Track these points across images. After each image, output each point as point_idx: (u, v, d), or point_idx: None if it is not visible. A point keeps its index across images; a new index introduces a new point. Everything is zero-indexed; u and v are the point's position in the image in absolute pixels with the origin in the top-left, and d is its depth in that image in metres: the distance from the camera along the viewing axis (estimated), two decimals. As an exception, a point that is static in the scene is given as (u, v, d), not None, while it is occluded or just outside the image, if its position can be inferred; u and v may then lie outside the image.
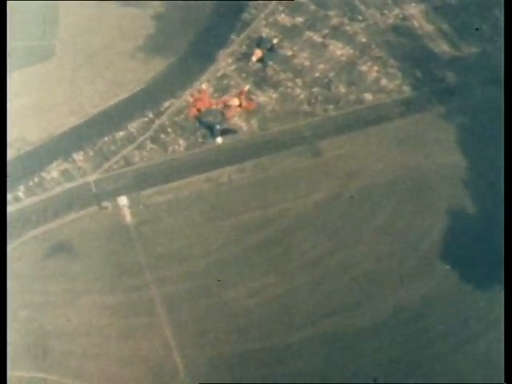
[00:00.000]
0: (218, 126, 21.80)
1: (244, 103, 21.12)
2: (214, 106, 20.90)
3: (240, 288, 24.11)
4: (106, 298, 23.75)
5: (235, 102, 20.58)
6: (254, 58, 20.29)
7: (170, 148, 27.27)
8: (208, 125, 21.98)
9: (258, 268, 24.44)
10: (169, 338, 23.29)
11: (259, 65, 28.34)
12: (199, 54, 29.33)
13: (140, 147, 27.26)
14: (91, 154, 27.00)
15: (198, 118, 21.67)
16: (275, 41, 20.49)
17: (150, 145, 27.35)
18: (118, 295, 23.88)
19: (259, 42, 27.14)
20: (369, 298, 23.55)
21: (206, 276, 24.25)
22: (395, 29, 30.34)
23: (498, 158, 25.89)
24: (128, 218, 25.63)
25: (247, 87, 23.00)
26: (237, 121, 27.77)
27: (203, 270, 24.42)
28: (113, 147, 27.19)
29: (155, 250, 24.83)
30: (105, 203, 25.93)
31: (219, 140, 22.12)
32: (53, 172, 26.52)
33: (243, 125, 27.69)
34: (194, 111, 21.35)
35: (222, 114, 21.11)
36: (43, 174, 26.38)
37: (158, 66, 28.81)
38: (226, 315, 23.56)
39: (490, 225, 25.07)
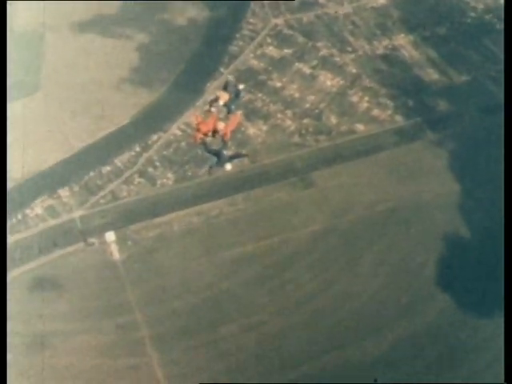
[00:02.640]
0: (225, 152, 19.79)
1: (231, 122, 19.89)
2: (210, 132, 19.59)
3: (234, 325, 23.07)
4: (94, 338, 22.60)
5: (221, 125, 19.49)
6: (221, 102, 19.49)
7: (159, 182, 26.53)
8: (214, 151, 19.90)
9: (253, 303, 23.46)
10: (161, 381, 22.14)
11: (249, 96, 27.94)
12: (187, 86, 28.88)
13: (127, 181, 26.49)
14: (77, 189, 26.16)
15: (204, 144, 20.04)
16: (241, 86, 19.89)
17: (137, 179, 26.59)
18: (107, 335, 22.72)
19: (225, 86, 26.10)
20: (368, 331, 22.59)
21: (198, 313, 23.21)
22: (385, 59, 30.16)
23: (491, 185, 26.00)
24: (116, 254, 24.66)
25: (239, 113, 21.87)
26: (226, 153, 27.17)
27: (195, 306, 23.39)
28: (99, 182, 26.39)
29: (145, 287, 23.82)
30: (91, 239, 24.99)
31: (228, 166, 20.03)
32: (37, 208, 25.61)
33: (233, 157, 27.10)
34: (199, 136, 19.47)
35: (223, 139, 19.92)
36: (27, 211, 25.46)
37: (146, 98, 28.28)
38: (220, 353, 22.46)
39: (487, 251, 24.48)
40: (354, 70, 29.70)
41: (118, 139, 27.43)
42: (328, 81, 29.40)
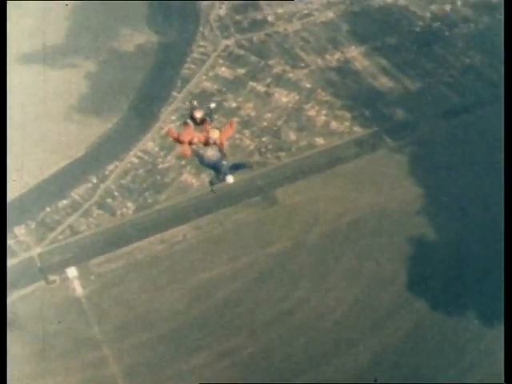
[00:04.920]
0: (224, 162, 17.65)
1: (226, 130, 18.06)
2: (199, 140, 17.86)
3: (207, 352, 22.24)
4: (62, 379, 21.50)
5: (215, 134, 17.78)
6: (197, 115, 18.17)
7: (118, 212, 25.69)
8: (211, 163, 17.63)
9: (226, 328, 22.68)
10: (134, 418, 21.14)
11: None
12: (140, 112, 28.24)
13: (86, 214, 25.58)
14: (33, 226, 25.14)
15: (197, 155, 17.39)
16: (213, 105, 18.63)
17: (96, 211, 25.71)
18: (75, 374, 21.66)
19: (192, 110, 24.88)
20: (345, 345, 21.98)
21: (168, 343, 22.32)
22: (338, 72, 30.03)
23: (454, 187, 26.27)
24: (79, 289, 23.66)
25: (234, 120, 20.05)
26: (186, 177, 26.63)
27: (165, 336, 22.51)
28: (56, 217, 25.43)
29: (111, 321, 22.86)
30: (52, 277, 23.96)
31: (230, 179, 17.91)
32: (-7, 249, 24.50)
33: (194, 181, 26.50)
34: (186, 148, 17.11)
35: (219, 149, 18.26)
36: (-18, 253, 24.33)
37: (99, 128, 27.52)
38: (197, 382, 21.57)
39: (456, 252, 24.30)
40: (309, 85, 29.48)
41: (74, 172, 26.56)
42: (283, 97, 29.10)
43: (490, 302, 22.68)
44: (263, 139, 27.79)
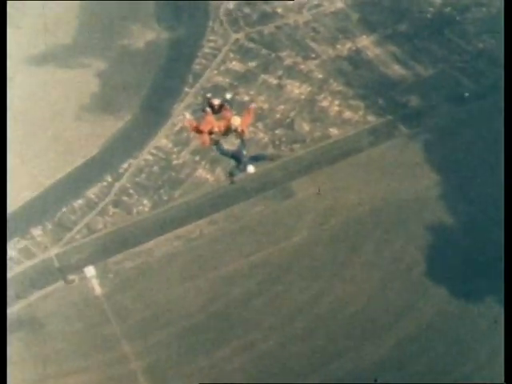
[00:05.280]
0: (244, 152, 17.03)
1: (245, 117, 17.34)
2: (219, 129, 17.09)
3: (227, 347, 22.18)
4: (83, 378, 21.54)
5: (236, 120, 17.04)
6: (216, 102, 17.49)
7: (135, 210, 25.66)
8: (231, 153, 16.99)
9: (244, 322, 22.60)
10: (157, 414, 21.14)
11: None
12: (153, 109, 28.18)
13: (102, 213, 25.58)
14: (50, 227, 25.19)
15: (217, 145, 16.82)
16: (229, 96, 18.00)
17: (112, 209, 25.70)
18: (96, 373, 21.71)
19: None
20: (367, 336, 21.82)
21: (188, 339, 22.28)
22: (350, 61, 29.75)
23: (471, 172, 25.98)
24: (97, 288, 23.68)
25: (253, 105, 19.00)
26: (201, 172, 26.55)
27: (185, 333, 22.47)
28: (73, 217, 25.45)
29: (131, 318, 22.87)
30: (71, 276, 24.00)
31: (251, 169, 17.13)
32: (10, 251, 24.44)
33: (208, 176, 26.42)
34: (206, 138, 16.45)
35: (240, 137, 17.41)
36: (0, 255, 24.40)
37: (112, 126, 27.47)
38: (217, 378, 21.50)
39: (474, 240, 24.12)
40: (321, 76, 29.25)
41: (88, 171, 26.55)
42: (296, 89, 28.91)
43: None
44: (277, 131, 27.62)
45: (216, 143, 16.93)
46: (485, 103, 28.23)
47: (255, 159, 17.85)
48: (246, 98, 28.44)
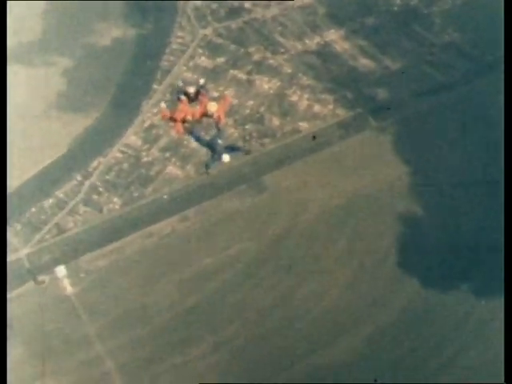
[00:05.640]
0: (219, 141, 17.06)
1: (221, 103, 17.07)
2: (194, 116, 16.82)
3: (202, 344, 22.04)
4: (58, 380, 21.22)
5: (213, 106, 17.06)
6: (191, 90, 17.27)
7: (105, 208, 25.36)
8: (206, 141, 17.11)
9: (219, 318, 22.49)
10: (133, 413, 20.91)
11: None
12: (121, 107, 27.82)
13: (72, 212, 25.23)
14: (19, 227, 24.77)
15: (191, 133, 16.90)
16: (202, 81, 17.78)
17: (82, 208, 25.36)
18: (71, 375, 21.40)
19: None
20: (344, 328, 21.84)
21: (163, 337, 22.11)
22: (319, 55, 29.71)
23: (440, 162, 26.18)
24: (68, 288, 23.36)
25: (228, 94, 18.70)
26: (171, 169, 26.35)
27: (159, 330, 22.29)
28: (42, 216, 25.06)
29: (103, 318, 22.59)
30: (41, 277, 23.63)
31: (226, 158, 17.18)
32: (-21, 254, 24.12)
33: (179, 172, 26.22)
34: (179, 126, 16.42)
35: (216, 125, 17.20)
36: (-32, 258, 23.95)
37: (80, 125, 27.06)
38: (193, 375, 21.35)
39: (447, 230, 24.29)
40: (290, 70, 29.19)
41: (57, 170, 26.15)
42: (265, 84, 28.83)
43: (484, 274, 22.69)
44: (247, 127, 27.51)
45: (190, 132, 16.72)
46: (453, 94, 28.49)
47: (230, 149, 17.74)
48: (216, 94, 28.29)
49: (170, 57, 29.68)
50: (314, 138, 20.24)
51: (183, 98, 16.84)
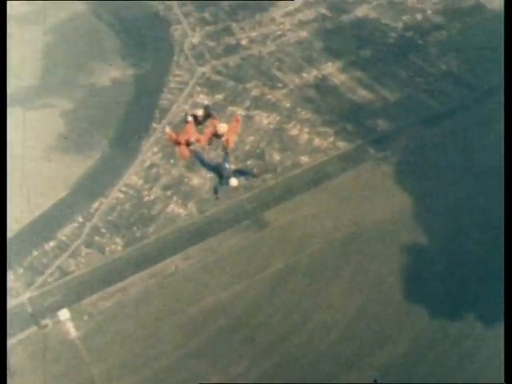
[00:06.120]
0: (226, 165, 16.21)
1: (232, 125, 16.76)
2: (200, 140, 16.43)
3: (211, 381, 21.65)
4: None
5: (223, 127, 16.17)
6: (199, 112, 17.07)
7: (107, 249, 25.18)
8: (213, 165, 16.37)
9: (226, 357, 22.10)
10: None
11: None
12: (121, 147, 27.90)
13: (74, 254, 25.03)
14: (21, 271, 24.56)
15: (197, 156, 16.03)
16: (206, 102, 17.48)
17: (84, 250, 25.18)
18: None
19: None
20: (351, 362, 21.45)
21: (168, 378, 21.70)
22: (317, 89, 29.92)
23: (442, 191, 26.10)
24: (72, 332, 23.03)
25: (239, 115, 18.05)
26: (173, 207, 26.23)
27: (164, 372, 21.87)
28: (44, 260, 24.88)
29: (109, 360, 22.21)
30: (44, 321, 23.33)
31: (234, 182, 16.36)
32: (-19, 299, 23.88)
33: (181, 211, 26.11)
34: (184, 149, 15.83)
35: (224, 148, 16.78)
36: (-30, 304, 23.70)
37: (80, 166, 27.11)
38: (201, 417, 20.97)
39: (452, 259, 24.08)
40: (288, 105, 29.33)
41: (58, 212, 26.07)
42: (264, 119, 28.92)
43: (489, 303, 22.38)
44: (248, 162, 27.47)
45: (197, 155, 16.26)
46: (452, 123, 28.52)
47: (238, 173, 16.97)
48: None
49: (168, 95, 29.86)
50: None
51: (190, 118, 16.51)
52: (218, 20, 33.22)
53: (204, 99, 29.50)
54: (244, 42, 32.07)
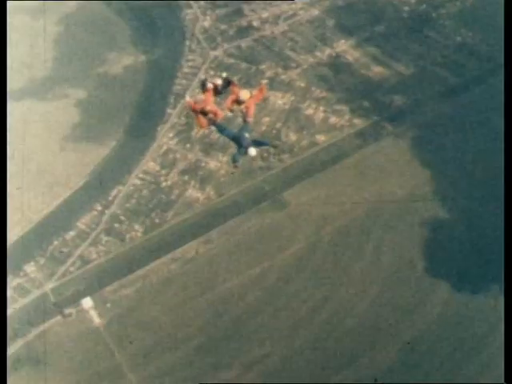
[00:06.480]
0: (246, 134, 15.90)
1: (256, 94, 16.26)
2: (210, 108, 16.18)
3: (234, 365, 21.63)
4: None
5: (246, 94, 15.77)
6: (218, 81, 16.68)
7: (127, 236, 25.19)
8: (232, 134, 16.04)
9: (249, 339, 22.09)
10: None
11: (202, 132, 26.97)
12: (137, 134, 27.82)
13: (95, 243, 25.08)
14: (43, 261, 24.66)
15: (215, 125, 15.91)
16: (224, 74, 17.04)
17: (105, 238, 25.21)
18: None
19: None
20: (374, 342, 21.30)
21: (194, 360, 21.75)
22: (331, 67, 29.56)
23: (462, 165, 25.83)
24: (96, 319, 23.13)
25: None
26: (191, 192, 26.15)
27: (189, 355, 21.94)
28: (65, 249, 24.95)
29: (133, 346, 22.30)
30: (68, 310, 23.45)
31: (252, 151, 15.85)
32: (5, 290, 24.01)
33: (199, 195, 26.02)
34: (202, 119, 15.52)
35: (244, 116, 16.55)
36: (-6, 296, 23.84)
37: (97, 155, 27.08)
38: (227, 399, 20.98)
39: (470, 231, 23.87)
40: (303, 84, 29.03)
41: (77, 202, 26.10)
42: (279, 100, 28.65)
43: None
44: (264, 143, 27.28)
45: (216, 124, 15.97)
46: (468, 95, 28.09)
47: (257, 143, 16.31)
48: (230, 114, 28.11)
49: (182, 80, 29.67)
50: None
51: (210, 85, 16.15)
52: (229, 2, 32.87)
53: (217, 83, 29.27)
54: (256, 24, 31.74)
